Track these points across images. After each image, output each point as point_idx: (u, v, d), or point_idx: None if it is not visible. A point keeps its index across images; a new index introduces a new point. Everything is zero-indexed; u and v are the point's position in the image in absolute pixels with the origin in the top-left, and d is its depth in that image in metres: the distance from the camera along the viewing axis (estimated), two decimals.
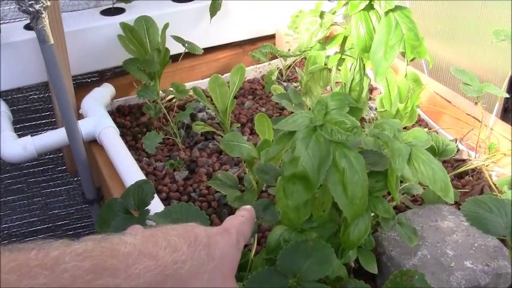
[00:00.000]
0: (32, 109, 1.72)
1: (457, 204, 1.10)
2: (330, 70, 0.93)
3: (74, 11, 1.62)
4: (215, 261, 0.61)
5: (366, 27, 0.81)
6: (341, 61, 0.90)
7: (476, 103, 1.28)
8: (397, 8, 0.79)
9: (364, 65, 0.86)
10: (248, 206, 0.78)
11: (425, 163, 0.83)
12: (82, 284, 0.48)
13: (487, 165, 1.27)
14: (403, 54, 0.80)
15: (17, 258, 0.47)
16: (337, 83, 1.00)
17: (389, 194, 0.90)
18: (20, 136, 1.35)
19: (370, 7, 0.81)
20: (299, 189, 0.73)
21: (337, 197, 0.74)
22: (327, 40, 0.90)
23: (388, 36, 0.78)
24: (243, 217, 0.73)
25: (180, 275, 0.55)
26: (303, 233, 0.84)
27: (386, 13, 0.78)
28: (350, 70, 0.87)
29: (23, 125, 1.72)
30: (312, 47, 0.86)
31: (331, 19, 0.85)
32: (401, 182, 1.06)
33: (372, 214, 0.91)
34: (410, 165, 0.83)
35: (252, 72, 1.70)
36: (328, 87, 1.02)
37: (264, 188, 1.17)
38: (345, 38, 0.88)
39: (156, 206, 1.02)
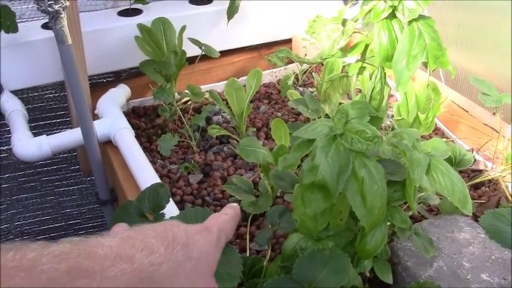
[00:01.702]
0: (48, 108, 1.72)
1: (474, 215, 1.09)
2: (349, 78, 0.93)
3: (92, 11, 1.62)
4: (193, 261, 0.61)
5: (388, 36, 0.80)
6: (362, 69, 0.90)
7: (494, 113, 1.26)
8: (421, 17, 0.79)
9: (385, 73, 0.85)
10: (234, 204, 0.79)
11: (444, 174, 0.83)
12: (58, 286, 0.49)
13: (504, 176, 1.26)
14: (425, 64, 0.79)
15: None
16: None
17: (405, 203, 0.90)
18: (34, 134, 1.36)
19: (393, 16, 0.80)
20: (318, 198, 0.72)
21: (355, 207, 0.73)
22: (347, 48, 0.89)
23: (411, 45, 0.77)
24: (226, 215, 0.74)
25: (156, 277, 0.56)
26: (319, 242, 0.84)
27: (410, 22, 0.78)
28: (371, 79, 0.86)
29: (38, 124, 1.72)
30: (333, 55, 0.85)
31: (353, 27, 0.85)
32: (418, 191, 1.06)
33: (388, 223, 0.91)
34: (428, 176, 0.83)
35: (267, 76, 1.69)
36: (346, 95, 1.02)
37: (278, 194, 1.16)
38: (367, 46, 0.88)
39: (170, 209, 1.01)
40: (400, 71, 0.78)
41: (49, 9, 1.07)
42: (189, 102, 1.53)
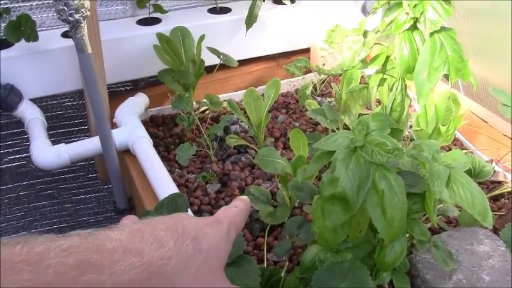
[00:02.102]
0: (66, 116, 1.73)
1: (493, 227, 1.08)
2: (369, 89, 0.92)
3: (111, 19, 1.63)
4: (202, 254, 0.60)
5: (409, 48, 0.80)
6: (383, 81, 0.90)
7: None
8: (442, 29, 0.78)
9: (405, 85, 0.85)
10: (244, 197, 0.79)
11: (464, 186, 0.82)
12: (66, 280, 0.48)
13: None
14: (447, 76, 0.78)
15: (1, 253, 0.46)
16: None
17: (424, 214, 0.89)
18: (53, 142, 1.36)
19: (414, 27, 0.80)
20: (337, 210, 0.72)
21: (375, 219, 0.73)
22: (368, 59, 0.89)
23: (432, 57, 0.77)
24: (236, 208, 0.73)
25: (165, 272, 0.55)
26: (338, 254, 0.83)
27: (431, 34, 0.77)
28: (391, 90, 0.86)
29: (57, 132, 1.73)
30: (354, 66, 0.85)
31: (374, 38, 0.84)
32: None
33: (407, 236, 0.90)
34: (448, 188, 0.82)
35: (286, 85, 1.69)
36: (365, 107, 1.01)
37: (296, 204, 1.16)
38: (387, 58, 0.88)
39: None
40: (421, 82, 0.77)
41: (70, 18, 1.07)
42: (207, 112, 1.53)
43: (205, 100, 1.45)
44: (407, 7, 0.77)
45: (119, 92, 1.69)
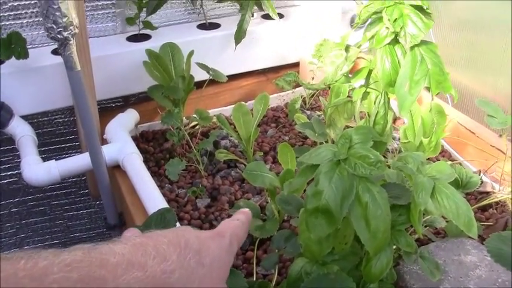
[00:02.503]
0: (57, 133, 1.74)
1: (481, 237, 1.09)
2: (354, 103, 0.94)
3: (101, 36, 1.64)
4: (205, 267, 0.61)
5: (391, 62, 0.81)
6: (366, 94, 0.91)
7: (500, 135, 1.27)
8: (423, 42, 0.80)
9: (388, 98, 0.86)
10: (246, 209, 0.79)
11: (449, 197, 0.83)
12: None
13: (511, 198, 1.25)
14: (429, 88, 0.80)
15: (5, 269, 0.46)
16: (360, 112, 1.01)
17: (411, 226, 0.90)
18: (44, 159, 1.37)
19: (395, 41, 0.81)
20: (322, 223, 0.72)
21: (359, 231, 0.74)
22: (352, 72, 0.90)
23: (413, 71, 0.78)
24: (238, 220, 0.74)
25: (169, 285, 0.56)
26: (324, 266, 0.84)
27: (412, 48, 0.79)
28: (374, 103, 0.87)
29: (48, 148, 1.73)
30: (337, 80, 0.86)
31: (357, 53, 0.85)
32: (424, 214, 1.06)
33: (394, 247, 0.91)
34: (433, 200, 0.83)
35: (275, 100, 1.70)
36: (352, 119, 1.02)
37: (285, 218, 1.17)
38: (370, 71, 0.89)
39: None
40: (403, 95, 0.78)
41: (58, 36, 1.08)
42: (197, 127, 1.54)
43: (195, 115, 1.46)
44: (387, 22, 0.79)
45: (110, 108, 1.69)
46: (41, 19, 1.45)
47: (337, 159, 0.74)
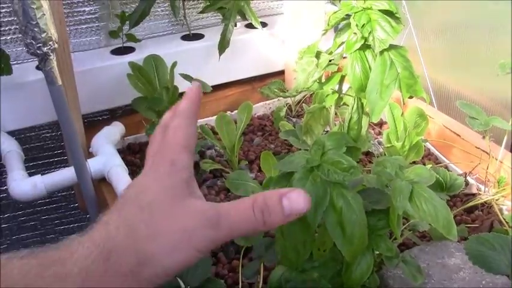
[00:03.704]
0: (45, 147, 1.74)
1: (466, 239, 1.09)
2: (328, 109, 0.94)
3: (85, 50, 1.64)
4: (145, 210, 0.56)
5: (361, 67, 0.81)
6: (339, 100, 0.91)
7: (484, 137, 1.27)
8: (392, 47, 0.80)
9: (362, 103, 0.86)
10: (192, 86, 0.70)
11: (427, 200, 0.83)
12: (32, 278, 0.50)
13: (496, 200, 1.26)
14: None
15: None
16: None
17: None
18: (32, 174, 1.37)
19: (366, 46, 0.81)
20: (296, 230, 0.72)
21: (335, 238, 0.73)
22: (327, 78, 0.90)
23: (383, 75, 0.78)
24: (178, 119, 0.65)
25: (118, 245, 0.53)
26: (304, 273, 0.84)
27: (381, 52, 0.79)
28: (348, 109, 0.87)
29: (36, 163, 1.73)
30: (308, 88, 0.86)
31: (327, 59, 0.86)
32: (407, 218, 1.06)
33: (377, 252, 0.91)
34: (412, 203, 0.83)
35: (261, 108, 1.70)
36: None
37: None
38: (342, 77, 0.89)
39: None
40: (373, 100, 0.79)
41: (38, 51, 1.09)
42: None
43: None
44: (355, 27, 0.79)
45: (96, 122, 1.69)
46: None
47: (310, 166, 0.74)
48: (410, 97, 0.81)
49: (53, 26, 1.11)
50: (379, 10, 0.79)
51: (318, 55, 0.86)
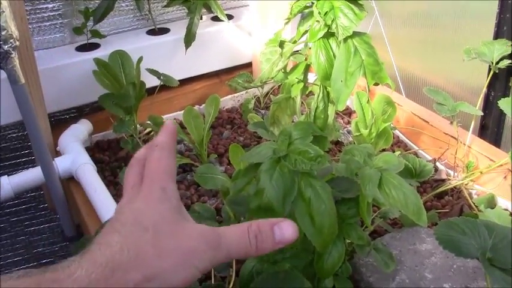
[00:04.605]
0: (12, 148, 1.71)
1: (436, 225, 1.09)
2: (294, 99, 0.93)
3: (50, 48, 1.62)
4: (149, 230, 0.57)
5: (325, 55, 0.80)
6: (304, 89, 0.90)
7: (451, 122, 1.27)
8: (356, 34, 0.79)
9: (328, 92, 0.86)
10: (165, 125, 0.72)
11: (396, 187, 0.83)
12: None
13: (466, 184, 1.26)
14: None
15: None
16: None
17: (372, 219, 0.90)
18: (0, 175, 1.34)
19: (329, 34, 0.81)
20: None
21: (304, 228, 0.73)
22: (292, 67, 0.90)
23: (347, 62, 0.78)
24: (156, 150, 0.66)
25: (122, 262, 0.54)
26: (275, 264, 0.83)
27: (345, 40, 0.78)
28: (314, 98, 0.87)
29: (3, 164, 1.70)
30: (273, 77, 0.86)
31: (291, 48, 0.85)
32: (378, 206, 1.06)
33: (349, 241, 0.91)
34: (381, 191, 0.83)
35: (230, 101, 1.70)
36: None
37: (242, 219, 1.16)
38: (307, 66, 0.88)
39: None
40: (338, 88, 0.78)
41: None
42: (152, 133, 1.52)
43: (149, 122, 1.45)
44: (318, 15, 0.78)
45: (64, 120, 1.67)
46: None
47: (277, 157, 0.73)
48: (376, 84, 0.81)
49: (14, 24, 1.09)
50: None
51: (281, 44, 0.86)
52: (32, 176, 1.33)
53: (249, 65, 1.80)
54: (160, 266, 0.55)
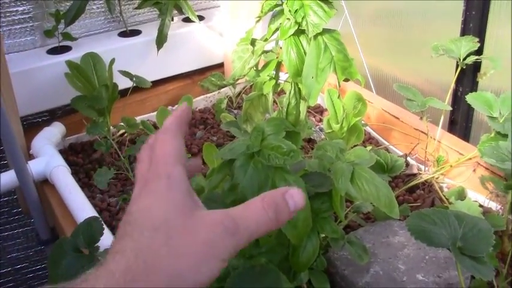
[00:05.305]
0: None
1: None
2: (266, 96, 0.94)
3: (21, 51, 1.61)
4: (159, 231, 0.54)
5: (296, 52, 0.82)
6: (276, 86, 0.92)
7: (421, 118, 1.30)
8: (326, 31, 0.81)
9: (299, 88, 0.87)
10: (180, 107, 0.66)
11: (368, 181, 0.85)
12: None
13: (436, 178, 1.29)
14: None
15: None
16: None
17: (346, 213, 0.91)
18: None
19: (300, 32, 0.82)
20: None
21: None
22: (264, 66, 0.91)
23: (318, 59, 0.79)
24: (165, 134, 0.62)
25: (139, 271, 0.51)
26: (251, 259, 0.84)
27: (315, 37, 0.80)
28: (286, 95, 0.88)
29: None
30: (245, 75, 0.87)
31: (263, 46, 0.86)
32: (351, 201, 1.08)
33: (323, 235, 0.92)
34: (353, 184, 0.84)
35: (202, 101, 1.70)
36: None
37: None
38: (279, 64, 0.90)
39: (109, 242, 1.01)
40: (309, 84, 0.79)
41: None
42: (125, 135, 1.53)
43: (122, 123, 1.45)
44: (288, 13, 0.80)
45: (36, 123, 1.66)
46: None
47: (251, 152, 0.74)
48: (346, 80, 0.82)
49: None
50: None
51: (253, 42, 0.87)
52: (5, 179, 1.32)
53: (220, 65, 1.81)
54: (181, 267, 0.52)
